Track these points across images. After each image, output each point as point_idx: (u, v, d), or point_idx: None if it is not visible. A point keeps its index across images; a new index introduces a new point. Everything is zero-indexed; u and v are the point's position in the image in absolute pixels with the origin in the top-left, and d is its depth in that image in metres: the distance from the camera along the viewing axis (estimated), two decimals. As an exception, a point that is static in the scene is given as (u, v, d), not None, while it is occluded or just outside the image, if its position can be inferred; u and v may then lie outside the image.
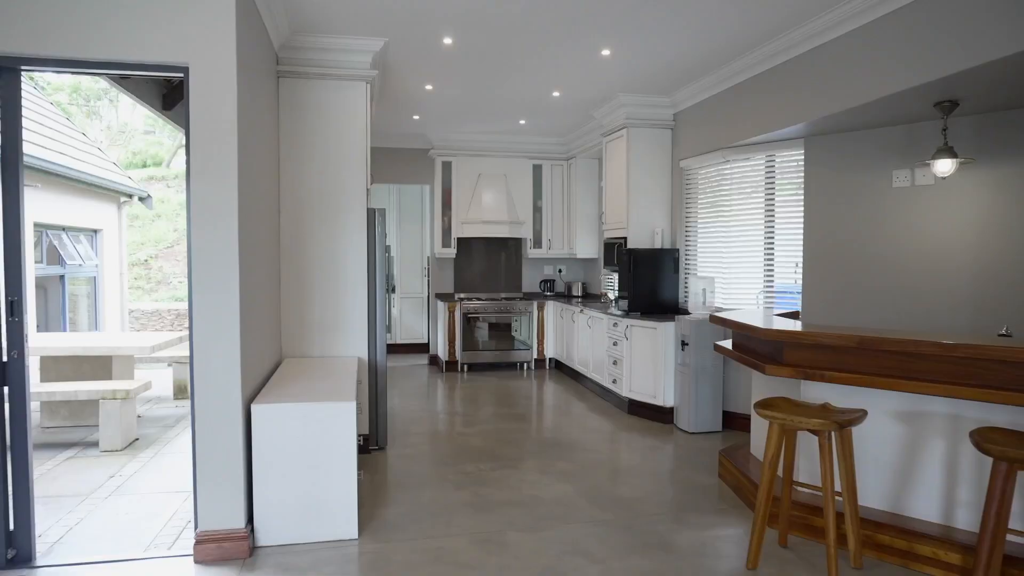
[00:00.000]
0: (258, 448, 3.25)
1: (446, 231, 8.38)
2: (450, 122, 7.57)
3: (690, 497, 4.03)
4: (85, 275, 9.15)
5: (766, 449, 3.05)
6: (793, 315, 4.46)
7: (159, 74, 3.13)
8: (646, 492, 4.12)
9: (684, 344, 5.52)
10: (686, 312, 6.11)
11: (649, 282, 6.19)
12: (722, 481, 4.30)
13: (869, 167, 4.73)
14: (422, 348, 9.49)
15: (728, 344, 4.23)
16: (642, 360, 5.94)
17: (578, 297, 8.59)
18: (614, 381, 6.36)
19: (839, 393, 3.40)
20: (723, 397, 5.56)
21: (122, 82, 4.37)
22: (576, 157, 8.34)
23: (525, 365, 8.44)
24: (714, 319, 4.19)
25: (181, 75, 3.04)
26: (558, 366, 8.38)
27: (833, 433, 2.91)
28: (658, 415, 5.84)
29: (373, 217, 4.88)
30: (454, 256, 8.47)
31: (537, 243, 8.64)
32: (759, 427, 4.19)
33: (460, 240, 8.60)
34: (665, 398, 5.76)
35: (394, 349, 9.70)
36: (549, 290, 8.77)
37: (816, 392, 3.49)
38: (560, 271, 9.00)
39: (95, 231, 9.37)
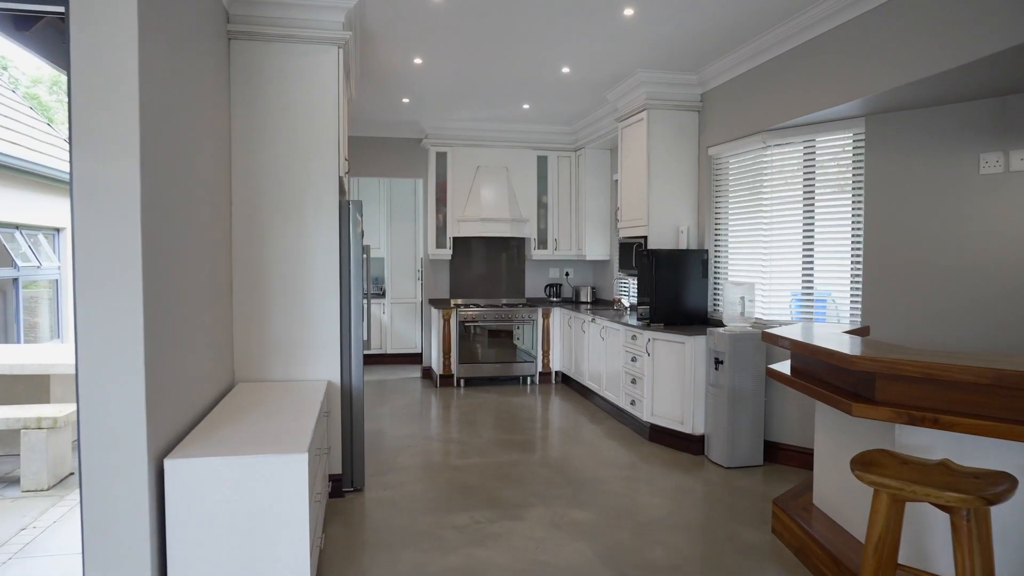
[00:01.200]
0: (174, 518, 2.40)
1: (441, 230, 7.54)
2: (444, 106, 6.73)
3: (741, 562, 3.18)
4: (47, 278, 8.32)
5: (870, 526, 2.21)
6: (861, 331, 3.63)
7: (32, 6, 2.29)
8: (684, 555, 3.27)
9: (718, 362, 4.68)
10: (717, 323, 5.27)
11: (673, 288, 5.35)
12: (777, 538, 3.45)
13: (949, 150, 3.88)
14: (415, 358, 8.64)
15: (785, 368, 3.39)
16: (667, 380, 5.10)
17: (587, 303, 7.75)
18: (632, 402, 5.52)
19: (948, 443, 2.56)
20: (764, 425, 4.71)
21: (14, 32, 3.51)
22: (585, 148, 7.50)
23: (528, 379, 7.60)
24: (767, 336, 3.35)
25: (61, 9, 2.20)
26: (565, 380, 7.54)
27: (971, 510, 2.06)
28: (685, 444, 4.99)
29: (348, 211, 4.04)
30: (450, 257, 7.63)
31: (542, 243, 7.80)
32: (826, 472, 3.34)
33: (456, 240, 7.76)
34: (694, 425, 4.91)
35: (384, 360, 8.86)
36: (555, 295, 7.93)
37: (916, 439, 2.65)
38: (567, 274, 8.16)
39: (57, 230, 8.54)
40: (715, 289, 5.49)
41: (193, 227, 2.95)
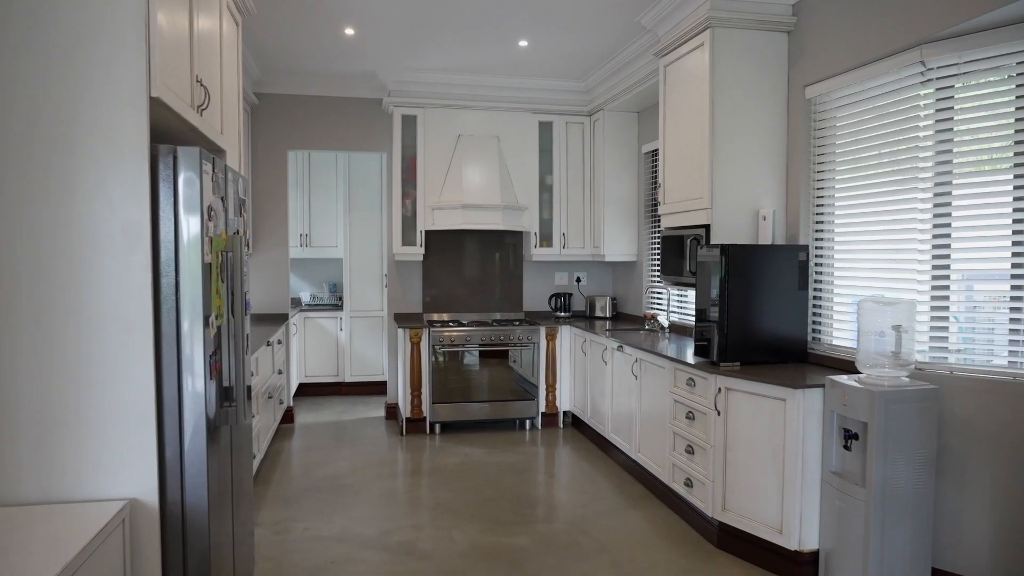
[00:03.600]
0: None
1: (408, 221, 5.59)
2: (407, 44, 4.77)
3: None
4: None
5: None
6: None
7: None
8: None
9: (849, 436, 2.74)
10: (824, 361, 3.32)
11: (755, 304, 3.39)
12: None
13: None
14: (381, 388, 6.66)
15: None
16: (750, 456, 3.14)
17: (605, 319, 5.79)
18: (688, 483, 3.56)
19: None
20: (933, 545, 2.76)
21: None
22: (604, 110, 5.54)
23: (528, 423, 5.63)
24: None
25: None
26: (576, 423, 5.58)
27: None
28: (783, 563, 3.03)
29: (174, 166, 2.08)
30: (421, 258, 5.67)
31: (545, 239, 5.83)
32: None
33: (430, 235, 5.81)
34: (800, 535, 2.95)
35: (342, 390, 6.89)
36: (563, 308, 5.95)
37: None
38: (579, 281, 6.19)
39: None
40: (817, 306, 3.53)
41: None
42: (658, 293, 5.36)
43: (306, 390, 6.82)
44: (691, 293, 4.57)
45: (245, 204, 2.94)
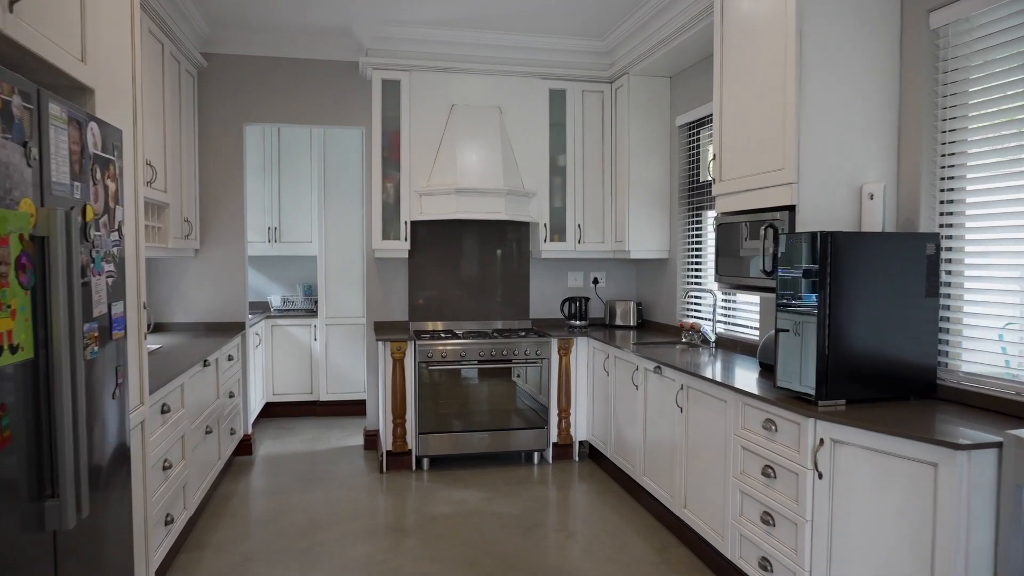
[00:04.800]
0: None
1: (391, 210, 4.58)
2: (387, -15, 3.77)
3: None
4: None
5: None
6: None
7: None
8: None
9: (1057, 528, 1.73)
10: (974, 402, 2.32)
11: (868, 316, 2.38)
12: None
13: None
14: (361, 408, 5.65)
15: None
16: (878, 542, 2.14)
17: (629, 328, 4.80)
18: (767, 567, 2.55)
19: None
20: None
21: None
22: (629, 74, 4.54)
23: (536, 456, 4.63)
24: None
25: None
26: (594, 454, 4.59)
27: None
28: None
29: None
30: (407, 255, 4.66)
31: (557, 232, 4.83)
32: None
33: (418, 227, 4.82)
34: (961, 668, 1.95)
35: (317, 410, 5.89)
36: (578, 316, 4.94)
37: None
38: (596, 282, 5.19)
39: None
40: (945, 318, 2.52)
41: None
42: (696, 297, 4.35)
43: (274, 411, 5.81)
44: (755, 299, 3.57)
45: (114, 167, 1.93)
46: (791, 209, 2.68)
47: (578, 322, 4.89)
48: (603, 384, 4.33)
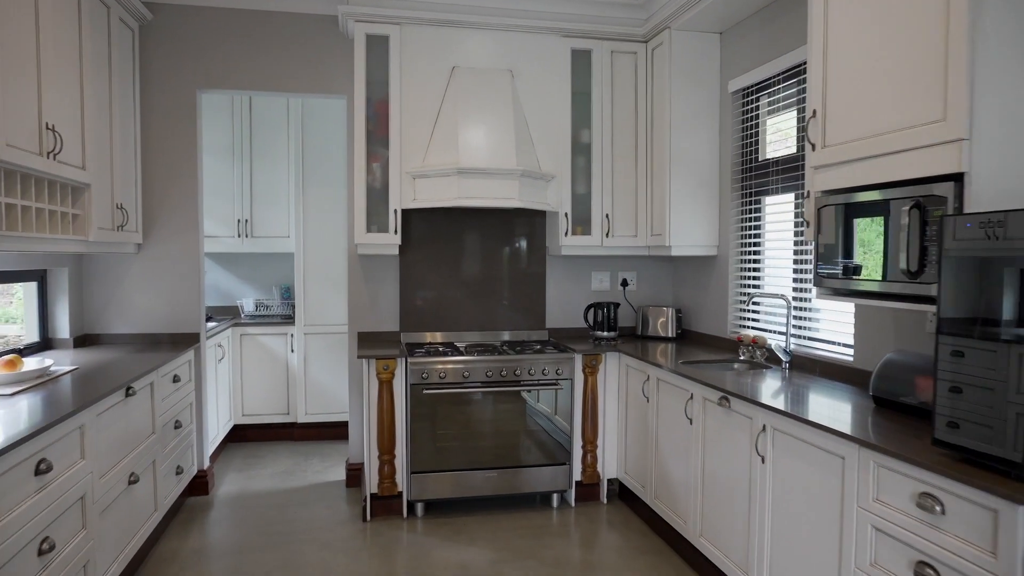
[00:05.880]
0: None
1: (378, 195, 3.73)
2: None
3: None
4: None
5: None
6: None
7: None
8: None
9: None
10: None
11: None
12: None
13: None
14: (345, 429, 4.77)
15: None
16: None
17: (667, 340, 3.96)
18: None
19: None
20: None
21: None
22: (670, 29, 3.69)
23: (555, 499, 3.77)
24: None
25: None
26: (624, 494, 3.74)
27: None
28: None
29: None
30: (397, 251, 3.81)
31: (580, 224, 3.98)
32: None
33: (411, 216, 3.98)
34: None
35: (295, 434, 5.04)
36: (605, 326, 4.08)
37: None
38: (625, 284, 4.33)
39: None
40: None
41: None
42: (753, 304, 3.50)
43: (244, 435, 4.96)
44: (846, 306, 2.70)
45: None
46: (954, 180, 1.82)
47: (606, 333, 4.04)
48: (640, 412, 3.48)
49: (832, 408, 2.30)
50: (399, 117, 3.68)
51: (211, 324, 4.56)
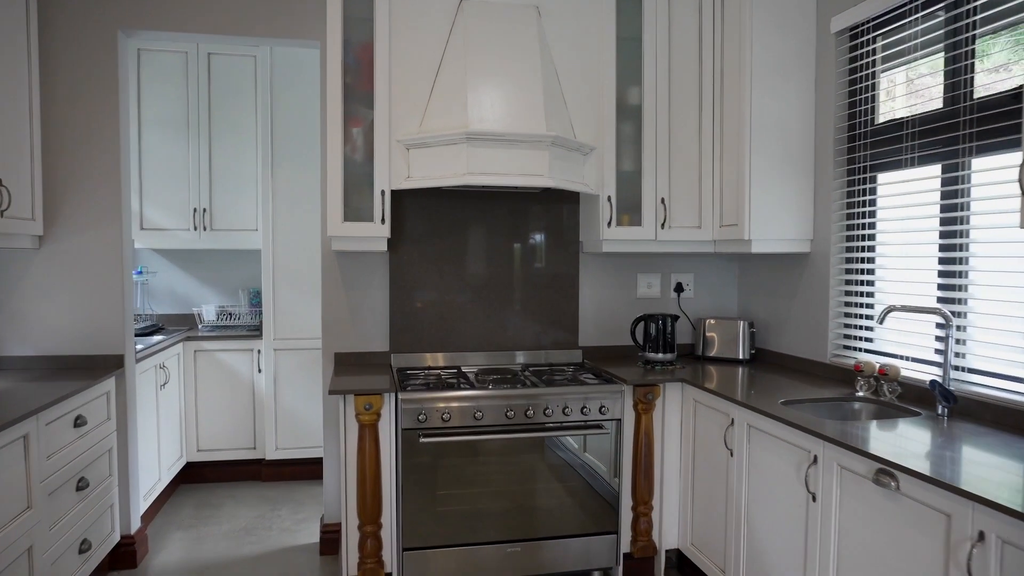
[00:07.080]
0: None
1: (358, 170, 2.78)
2: None
3: None
4: None
5: None
6: None
7: None
8: None
9: None
10: None
11: None
12: None
13: None
14: (321, 468, 3.80)
15: None
16: None
17: (736, 363, 3.02)
18: None
19: None
20: None
21: None
22: (752, -51, 2.75)
23: (598, 579, 2.83)
24: None
25: None
26: (685, 567, 2.79)
27: None
28: None
29: None
30: (385, 245, 2.85)
31: (628, 211, 3.02)
32: None
33: (403, 199, 3.04)
34: None
35: (262, 473, 4.09)
36: (660, 345, 3.11)
37: None
38: (680, 289, 3.38)
39: None
40: None
41: None
42: (867, 319, 2.55)
43: (200, 474, 4.03)
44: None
45: None
46: None
47: (660, 355, 3.08)
48: (718, 467, 2.54)
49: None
50: (387, 66, 2.74)
51: (155, 339, 3.63)
